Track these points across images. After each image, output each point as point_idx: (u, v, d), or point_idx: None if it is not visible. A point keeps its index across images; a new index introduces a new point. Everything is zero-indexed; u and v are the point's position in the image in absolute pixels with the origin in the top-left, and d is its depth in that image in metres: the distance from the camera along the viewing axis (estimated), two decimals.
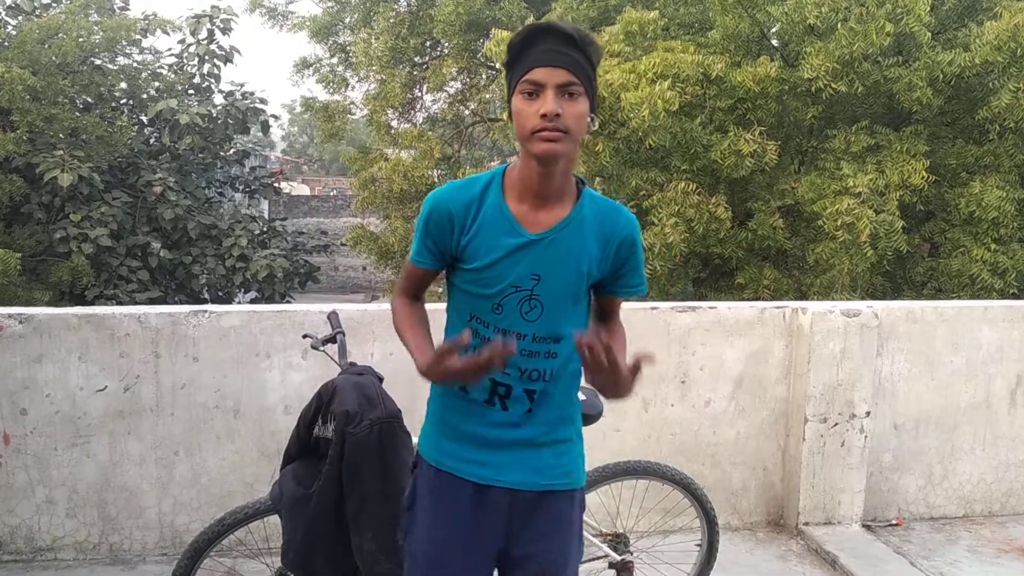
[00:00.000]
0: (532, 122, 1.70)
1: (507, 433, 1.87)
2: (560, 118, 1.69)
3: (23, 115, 13.51)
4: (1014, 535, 4.11)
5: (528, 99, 1.71)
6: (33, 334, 3.46)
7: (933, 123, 9.04)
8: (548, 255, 1.81)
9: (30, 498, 3.53)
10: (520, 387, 1.85)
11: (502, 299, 1.82)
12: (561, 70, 1.69)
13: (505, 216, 1.82)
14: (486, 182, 1.86)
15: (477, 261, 1.82)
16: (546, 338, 1.83)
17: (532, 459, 1.89)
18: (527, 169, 1.79)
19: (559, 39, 1.71)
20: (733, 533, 4.01)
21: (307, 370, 3.61)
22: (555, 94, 1.69)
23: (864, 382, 3.96)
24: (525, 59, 1.72)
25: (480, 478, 1.88)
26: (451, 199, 1.84)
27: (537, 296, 1.81)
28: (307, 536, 2.49)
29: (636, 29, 9.11)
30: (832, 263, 8.14)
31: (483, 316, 1.84)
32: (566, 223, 1.82)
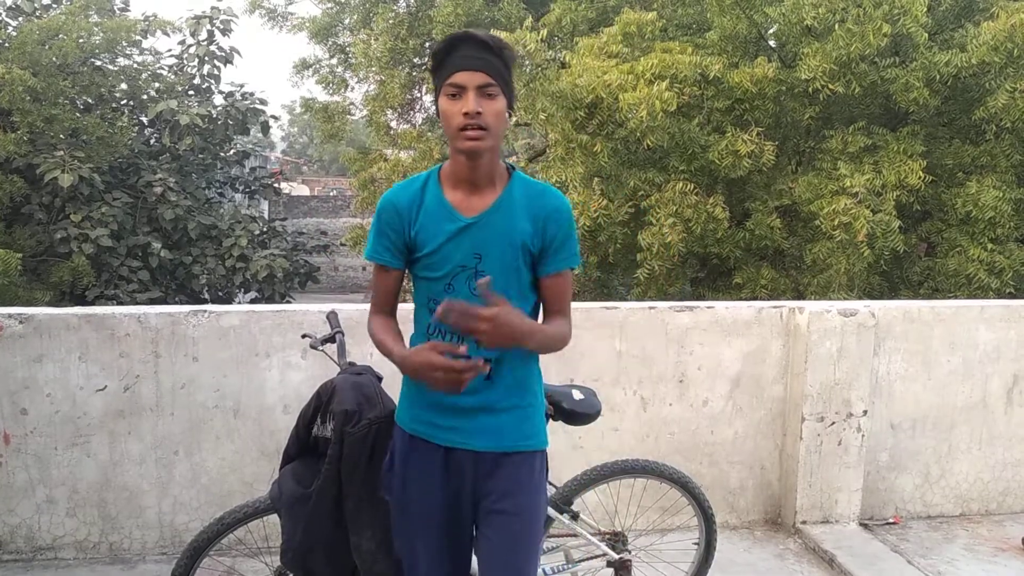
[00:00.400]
0: (457, 120, 1.93)
1: (469, 400, 2.06)
2: (481, 116, 1.92)
3: (24, 116, 13.53)
4: (1011, 534, 4.12)
5: (452, 100, 1.94)
6: (33, 334, 3.47)
7: (930, 123, 9.06)
8: (485, 234, 2.03)
9: (30, 497, 3.55)
10: (475, 355, 1.98)
11: (451, 279, 2.05)
12: (479, 73, 1.92)
13: (443, 205, 2.05)
14: (425, 178, 2.10)
15: (426, 247, 2.06)
16: None
17: (493, 424, 2.10)
18: (456, 162, 2.03)
19: (477, 45, 1.94)
20: (731, 532, 4.03)
21: (306, 370, 3.62)
22: (475, 95, 1.92)
23: (861, 381, 3.98)
24: (448, 64, 1.94)
25: (448, 442, 2.11)
26: (397, 197, 2.09)
27: (482, 272, 2.02)
28: (306, 535, 2.50)
29: (634, 30, 9.14)
30: (829, 263, 8.16)
31: (438, 297, 2.04)
32: (497, 205, 2.05)
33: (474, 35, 1.95)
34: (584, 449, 3.86)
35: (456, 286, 2.04)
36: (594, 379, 3.81)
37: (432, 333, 2.07)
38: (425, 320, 2.09)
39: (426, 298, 2.08)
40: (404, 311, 2.21)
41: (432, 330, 2.07)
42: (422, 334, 2.11)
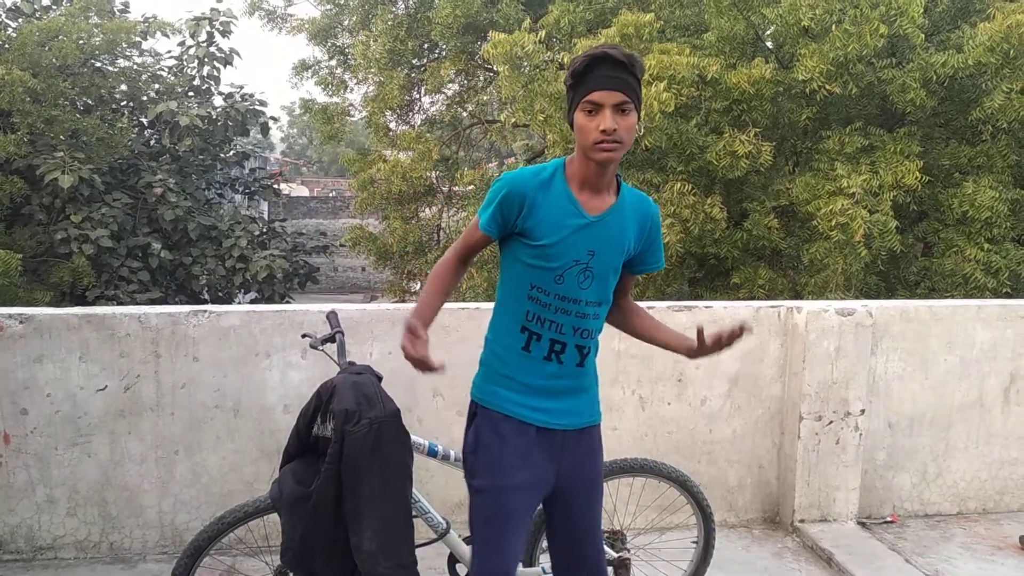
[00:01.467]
0: (593, 136, 2.07)
1: (561, 383, 2.25)
2: (616, 132, 2.06)
3: (24, 117, 13.53)
4: (1008, 532, 4.14)
5: (589, 116, 2.08)
6: (34, 334, 3.48)
7: (926, 124, 9.09)
8: (602, 234, 2.19)
9: (31, 497, 3.56)
10: (573, 344, 2.23)
11: (564, 271, 2.18)
12: (616, 92, 2.05)
13: (571, 200, 2.18)
14: (552, 171, 2.21)
15: (545, 238, 2.16)
16: (594, 303, 2.23)
17: (577, 403, 2.29)
18: (586, 168, 2.16)
19: (614, 65, 2.06)
20: (729, 530, 4.04)
21: (306, 369, 3.64)
22: (612, 112, 2.06)
23: (859, 380, 3.99)
24: (586, 82, 2.07)
25: (542, 422, 2.25)
26: (526, 183, 2.18)
27: (591, 268, 2.19)
28: (306, 534, 2.52)
29: (632, 31, 9.15)
30: (826, 263, 8.18)
31: (544, 286, 2.19)
32: (614, 208, 2.21)
33: (612, 55, 2.05)
34: None
35: (567, 279, 2.18)
36: None
37: (531, 320, 2.20)
38: (525, 306, 2.20)
39: (529, 284, 2.19)
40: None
41: (531, 317, 2.20)
42: (519, 318, 2.21)
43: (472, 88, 15.16)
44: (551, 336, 2.21)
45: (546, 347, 2.22)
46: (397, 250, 13.76)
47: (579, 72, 2.08)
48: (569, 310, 2.19)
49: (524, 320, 2.21)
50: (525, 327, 2.21)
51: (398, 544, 2.49)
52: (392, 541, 2.49)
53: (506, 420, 2.25)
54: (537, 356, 2.22)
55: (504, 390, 2.25)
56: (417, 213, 14.26)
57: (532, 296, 2.20)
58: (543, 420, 2.25)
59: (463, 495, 3.77)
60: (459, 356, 3.77)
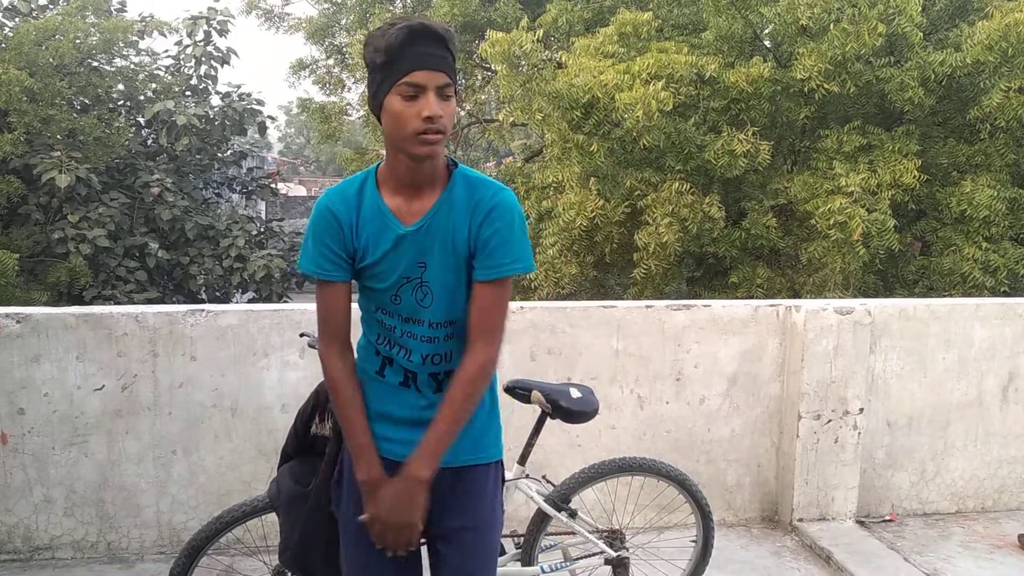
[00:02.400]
0: (414, 124, 1.75)
1: (421, 413, 1.93)
2: (441, 119, 1.76)
3: (20, 116, 13.52)
4: (1007, 530, 4.14)
5: (408, 101, 1.76)
6: (31, 334, 3.47)
7: (925, 123, 9.09)
8: (427, 242, 1.87)
9: (28, 497, 3.55)
10: (425, 373, 1.94)
11: (397, 290, 1.90)
12: (440, 73, 1.76)
13: (382, 212, 1.88)
14: (360, 182, 1.92)
15: (368, 258, 1.90)
16: (442, 323, 1.91)
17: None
18: (400, 165, 1.86)
19: (436, 41, 1.76)
20: (728, 529, 4.04)
21: (304, 369, 3.63)
22: (436, 96, 1.76)
23: (857, 379, 3.99)
24: (403, 59, 1.75)
25: (395, 455, 1.94)
26: (334, 203, 1.90)
27: (427, 283, 1.89)
28: (305, 534, 2.50)
29: (630, 30, 9.15)
30: (825, 262, 8.18)
31: (386, 307, 1.93)
32: (436, 208, 1.87)
33: (433, 28, 1.76)
34: (581, 447, 3.87)
35: (403, 297, 1.90)
36: (591, 377, 3.82)
37: (382, 343, 1.96)
38: (375, 329, 1.97)
39: (375, 307, 1.95)
40: None
41: (382, 341, 1.96)
42: (373, 341, 1.98)
43: (470, 87, 15.15)
44: (400, 362, 1.94)
45: (400, 372, 1.95)
46: None
47: (394, 47, 1.74)
48: (415, 333, 1.91)
49: (376, 343, 1.97)
50: (379, 351, 1.97)
51: None
52: None
53: None
54: (392, 382, 1.96)
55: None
56: None
57: (378, 319, 1.94)
58: (396, 452, 1.94)
59: None
60: None
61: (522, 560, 2.94)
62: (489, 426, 2.04)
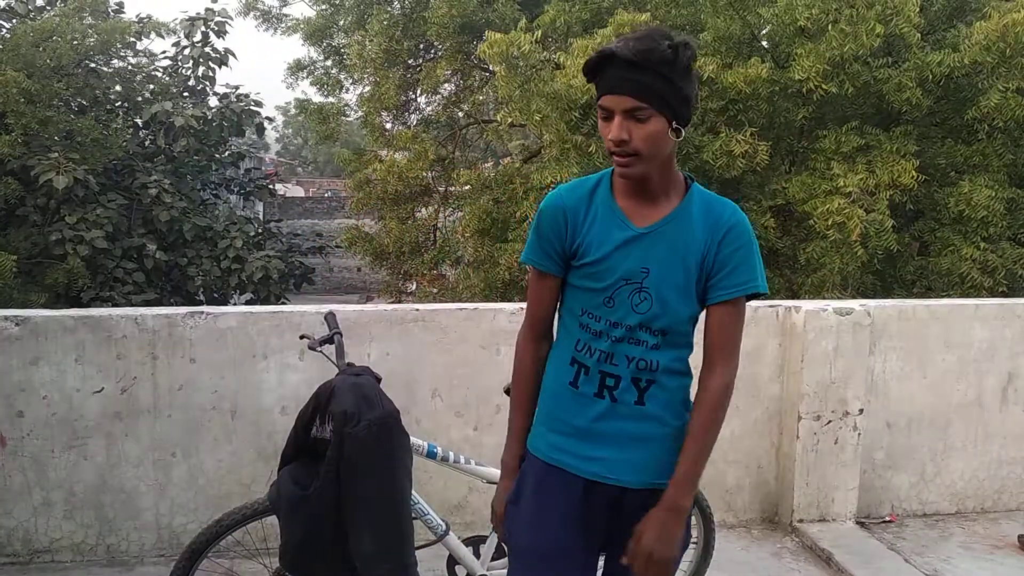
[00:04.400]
0: (607, 144, 1.83)
1: (615, 425, 1.89)
2: (627, 143, 1.78)
3: (18, 118, 13.50)
4: (1007, 531, 4.14)
5: (604, 123, 1.82)
6: (30, 336, 3.46)
7: (922, 123, 9.10)
8: (656, 248, 1.87)
9: (27, 500, 3.54)
10: (629, 377, 1.88)
11: (613, 292, 1.87)
12: (626, 97, 1.76)
13: (614, 211, 1.90)
14: (595, 182, 1.95)
15: (590, 255, 1.89)
16: (654, 330, 1.88)
17: (641, 454, 1.90)
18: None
19: (623, 65, 1.75)
20: (728, 531, 4.03)
21: (304, 371, 3.62)
22: (622, 120, 1.78)
23: (857, 380, 3.99)
24: (599, 84, 1.81)
25: (591, 475, 1.90)
26: (564, 199, 1.94)
27: (647, 288, 1.86)
28: (305, 537, 2.51)
29: (628, 31, 9.14)
30: (823, 262, 8.18)
31: (594, 311, 1.90)
32: (672, 217, 1.88)
33: (618, 54, 1.75)
34: None
35: (617, 300, 1.87)
36: None
37: (581, 351, 1.91)
38: (575, 334, 1.92)
39: (580, 309, 1.92)
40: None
41: (581, 347, 1.91)
42: (569, 348, 1.93)
43: (468, 88, 15.14)
44: (602, 368, 1.88)
45: (596, 381, 1.89)
46: (393, 250, 13.74)
47: (589, 73, 1.82)
48: (621, 337, 1.87)
49: (574, 350, 1.91)
50: (575, 359, 1.91)
51: (398, 546, 2.48)
52: (392, 543, 2.48)
53: (549, 470, 1.93)
54: (587, 392, 1.90)
55: (551, 433, 1.95)
56: (413, 213, 14.24)
57: (583, 323, 1.91)
58: (591, 471, 1.89)
59: (462, 497, 3.78)
60: (458, 356, 3.78)
61: None
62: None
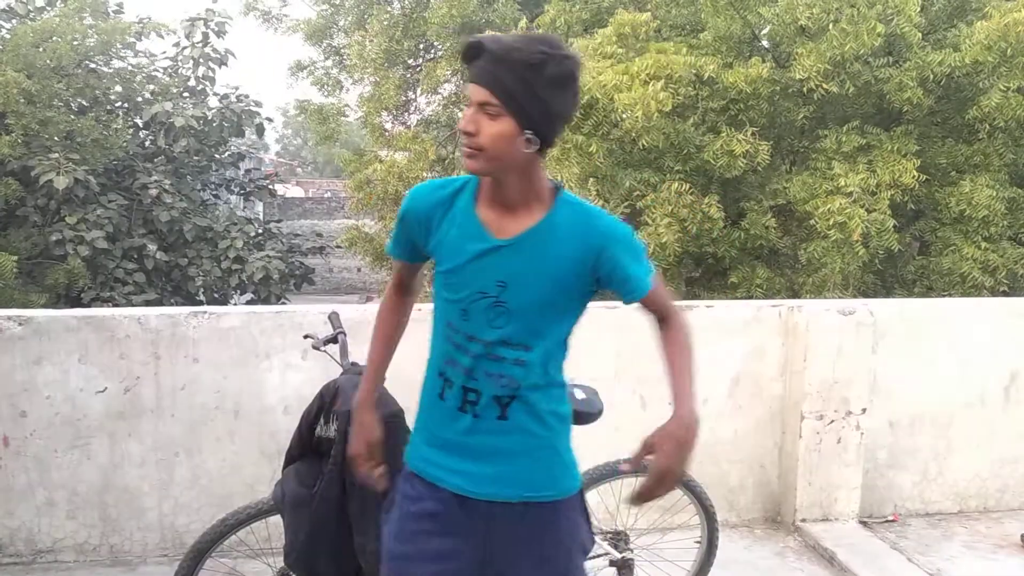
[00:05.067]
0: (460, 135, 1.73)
1: (482, 441, 1.83)
2: (474, 137, 1.68)
3: (18, 118, 13.50)
4: (1009, 530, 4.14)
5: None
6: (33, 336, 3.46)
7: (923, 123, 9.10)
8: (515, 262, 1.77)
9: (30, 500, 3.54)
10: (489, 394, 1.81)
11: (469, 304, 1.79)
12: (482, 88, 1.68)
13: (472, 221, 1.80)
14: (460, 185, 1.85)
15: (445, 264, 1.83)
16: (515, 345, 1.80)
17: (508, 468, 1.84)
18: (486, 179, 1.80)
19: (488, 58, 1.68)
20: (731, 530, 4.03)
21: (307, 371, 3.62)
22: (474, 111, 1.69)
23: (860, 379, 3.99)
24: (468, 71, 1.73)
25: (458, 488, 1.85)
26: (423, 199, 1.87)
27: (504, 303, 1.77)
28: (310, 536, 2.51)
29: (628, 31, 9.15)
30: (824, 262, 8.18)
31: (455, 322, 1.82)
32: (535, 230, 1.78)
33: (487, 45, 1.68)
34: (584, 448, 3.86)
35: (472, 313, 1.79)
36: (593, 378, 3.79)
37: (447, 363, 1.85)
38: (443, 346, 1.85)
39: (445, 321, 1.85)
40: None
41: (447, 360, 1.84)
42: (438, 361, 1.87)
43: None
44: (464, 384, 1.82)
45: (459, 396, 1.83)
46: None
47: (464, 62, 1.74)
48: (480, 353, 1.79)
49: (442, 363, 1.85)
50: (442, 372, 1.85)
51: None
52: None
53: (420, 481, 1.89)
54: (452, 406, 1.84)
55: (424, 445, 1.91)
56: None
57: (447, 335, 1.83)
58: (459, 485, 1.84)
59: None
60: None
61: None
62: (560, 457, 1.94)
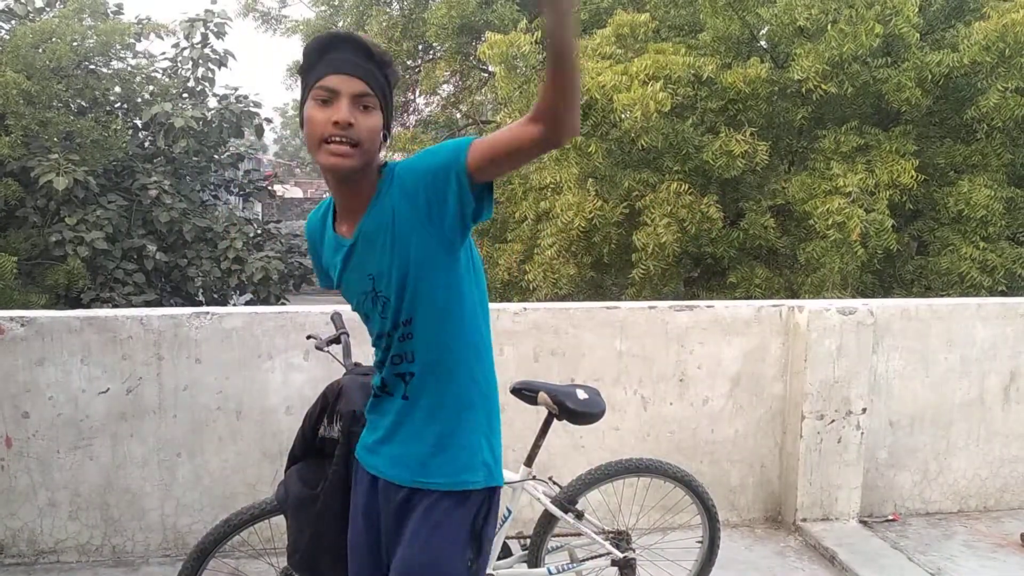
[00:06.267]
0: (323, 129, 1.67)
1: (390, 420, 1.88)
2: (352, 128, 1.67)
3: (18, 119, 13.48)
4: (1009, 530, 4.15)
5: (321, 106, 1.68)
6: (35, 337, 3.47)
7: (922, 123, 9.12)
8: (366, 251, 1.80)
9: (32, 501, 3.54)
10: (391, 372, 1.85)
11: (360, 307, 1.87)
12: (357, 80, 1.68)
13: (331, 234, 1.88)
14: (327, 207, 1.92)
15: (332, 279, 1.93)
16: (403, 322, 1.80)
17: (409, 452, 1.85)
18: (329, 185, 1.80)
19: (358, 50, 1.69)
20: (732, 530, 4.04)
21: (309, 371, 3.63)
22: (349, 103, 1.67)
23: (860, 379, 4.00)
24: (322, 64, 1.70)
25: (371, 467, 1.93)
26: (309, 226, 1.97)
27: (380, 292, 1.80)
28: (313, 537, 2.50)
29: (627, 31, 9.17)
30: (823, 262, 8.20)
31: (364, 323, 1.92)
32: (365, 215, 1.79)
33: (356, 38, 1.71)
34: (585, 448, 3.88)
35: (367, 313, 1.86)
36: (595, 379, 3.82)
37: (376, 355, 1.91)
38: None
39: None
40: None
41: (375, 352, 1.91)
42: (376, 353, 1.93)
43: (467, 89, 15.16)
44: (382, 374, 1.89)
45: (378, 383, 1.92)
46: None
47: (314, 52, 1.70)
48: (386, 345, 1.85)
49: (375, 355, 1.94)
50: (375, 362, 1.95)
51: None
52: None
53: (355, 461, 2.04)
54: (375, 384, 1.94)
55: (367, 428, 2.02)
56: None
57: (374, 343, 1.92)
58: (372, 464, 1.93)
59: None
60: None
61: (528, 561, 2.94)
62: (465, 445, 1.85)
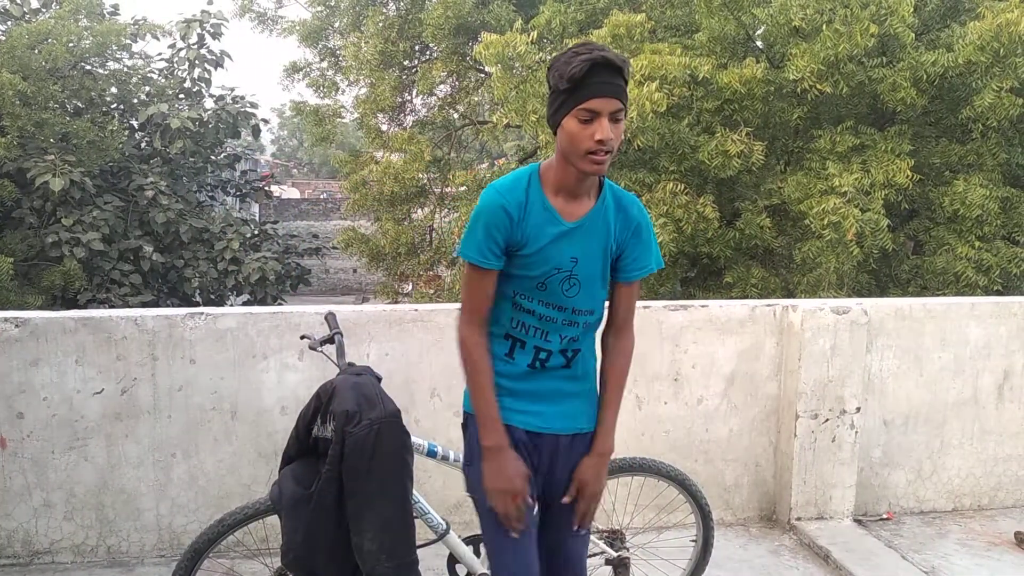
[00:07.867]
0: (587, 144, 2.00)
1: (549, 386, 2.21)
2: (610, 142, 2.00)
3: (14, 120, 13.48)
4: (1003, 528, 4.16)
5: (583, 124, 2.00)
6: (29, 338, 3.47)
7: (917, 123, 9.14)
8: (583, 240, 2.14)
9: (27, 501, 3.54)
10: (558, 350, 2.19)
11: (546, 279, 2.14)
12: (615, 100, 1.99)
13: (547, 209, 2.12)
14: (527, 180, 2.15)
15: (528, 248, 2.12)
16: (582, 311, 2.17)
17: (569, 408, 2.24)
18: (567, 175, 2.10)
19: (612, 71, 1.99)
20: (726, 529, 4.05)
21: (303, 371, 3.63)
22: (609, 121, 1.99)
23: (854, 378, 4.01)
24: (584, 87, 1.98)
25: (531, 426, 2.21)
26: (504, 198, 2.12)
27: (576, 276, 2.14)
28: (307, 536, 2.51)
29: (623, 32, 9.18)
30: (819, 261, 8.22)
31: (527, 292, 2.15)
32: (593, 212, 2.15)
33: (611, 60, 1.98)
34: None
35: (550, 286, 2.14)
36: None
37: (516, 327, 2.17)
38: (509, 314, 2.18)
39: (511, 291, 2.16)
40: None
41: (516, 324, 2.17)
42: (503, 325, 2.19)
43: (463, 89, 15.16)
44: (536, 343, 2.18)
45: (531, 354, 2.19)
46: (389, 252, 13.76)
47: (577, 77, 1.98)
48: (555, 318, 2.16)
49: (509, 327, 2.19)
50: (509, 334, 2.19)
51: (400, 544, 2.50)
52: (394, 541, 2.49)
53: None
54: (521, 363, 2.19)
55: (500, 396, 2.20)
56: (409, 214, 14.27)
57: (516, 303, 2.17)
58: (531, 423, 2.21)
59: (462, 495, 3.77)
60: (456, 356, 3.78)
61: None
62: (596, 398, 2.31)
